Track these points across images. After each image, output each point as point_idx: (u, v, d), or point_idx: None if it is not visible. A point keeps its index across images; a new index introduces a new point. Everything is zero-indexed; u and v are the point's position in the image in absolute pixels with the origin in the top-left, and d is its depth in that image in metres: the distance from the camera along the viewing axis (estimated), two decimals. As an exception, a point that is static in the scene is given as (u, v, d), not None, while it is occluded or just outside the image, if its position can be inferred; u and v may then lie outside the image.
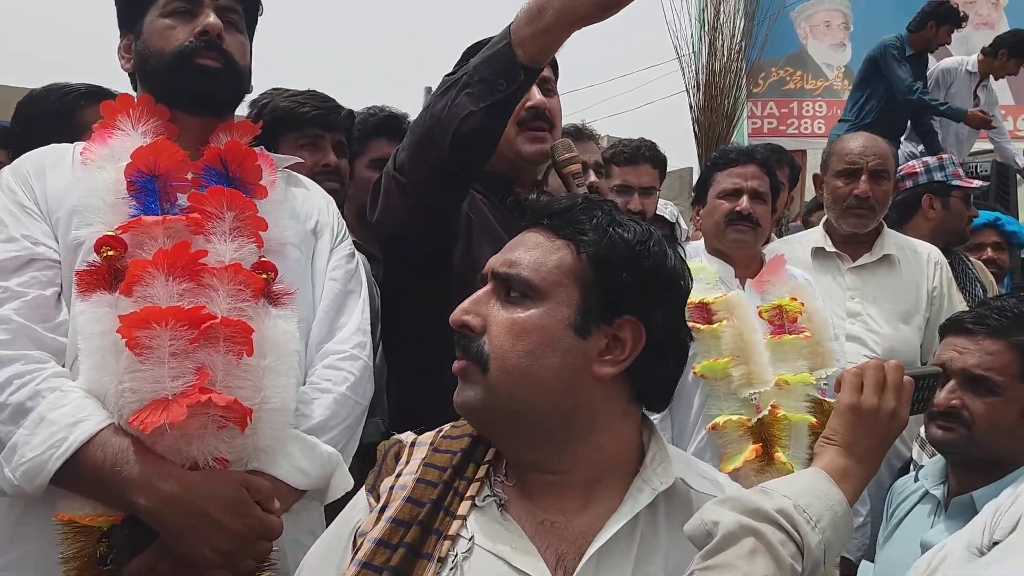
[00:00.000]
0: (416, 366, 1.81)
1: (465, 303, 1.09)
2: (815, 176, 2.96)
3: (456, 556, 1.00)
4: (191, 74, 1.46)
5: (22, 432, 1.25)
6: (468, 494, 1.04)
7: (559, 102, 1.94)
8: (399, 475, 1.08)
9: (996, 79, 5.10)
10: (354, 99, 2.41)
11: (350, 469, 1.47)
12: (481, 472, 1.07)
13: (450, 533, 1.01)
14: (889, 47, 4.88)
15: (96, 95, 2.04)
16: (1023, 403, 1.68)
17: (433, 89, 1.66)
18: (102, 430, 1.26)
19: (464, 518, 1.03)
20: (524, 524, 1.04)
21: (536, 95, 1.85)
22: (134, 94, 1.55)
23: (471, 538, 1.02)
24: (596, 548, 1.02)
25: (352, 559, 1.02)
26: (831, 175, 2.82)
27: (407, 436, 1.15)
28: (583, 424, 1.06)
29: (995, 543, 1.03)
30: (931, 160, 3.32)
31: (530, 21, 1.44)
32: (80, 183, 1.41)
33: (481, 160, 1.64)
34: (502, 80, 1.47)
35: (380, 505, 1.06)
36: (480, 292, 1.10)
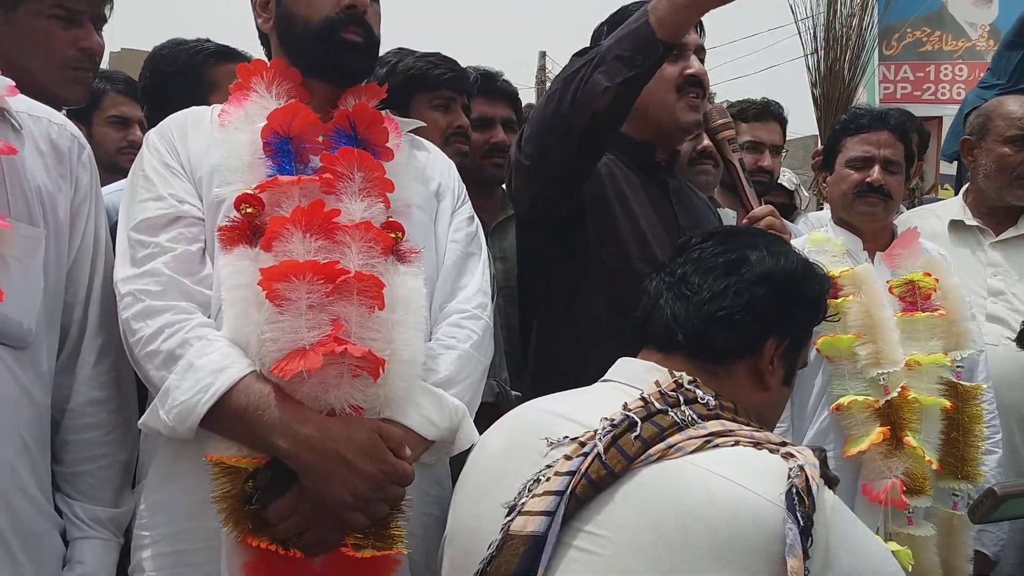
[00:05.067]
0: (553, 336, 1.94)
1: None
2: (964, 141, 2.85)
3: None
4: (334, 47, 1.56)
5: (173, 377, 1.39)
6: None
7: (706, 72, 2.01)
8: None
9: None
10: (469, 62, 2.52)
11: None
12: None
13: None
14: None
15: (225, 54, 2.19)
16: None
17: (548, 55, 1.79)
18: (245, 376, 1.38)
19: None
20: None
21: (695, 64, 1.94)
22: (262, 51, 1.66)
23: None
24: None
25: None
26: (994, 141, 2.70)
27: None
28: None
29: None
30: None
31: (675, 10, 1.59)
32: (219, 144, 1.53)
33: (613, 134, 1.77)
34: (639, 55, 1.61)
35: None
36: None
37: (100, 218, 1.54)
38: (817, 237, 2.45)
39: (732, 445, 1.14)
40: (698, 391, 1.23)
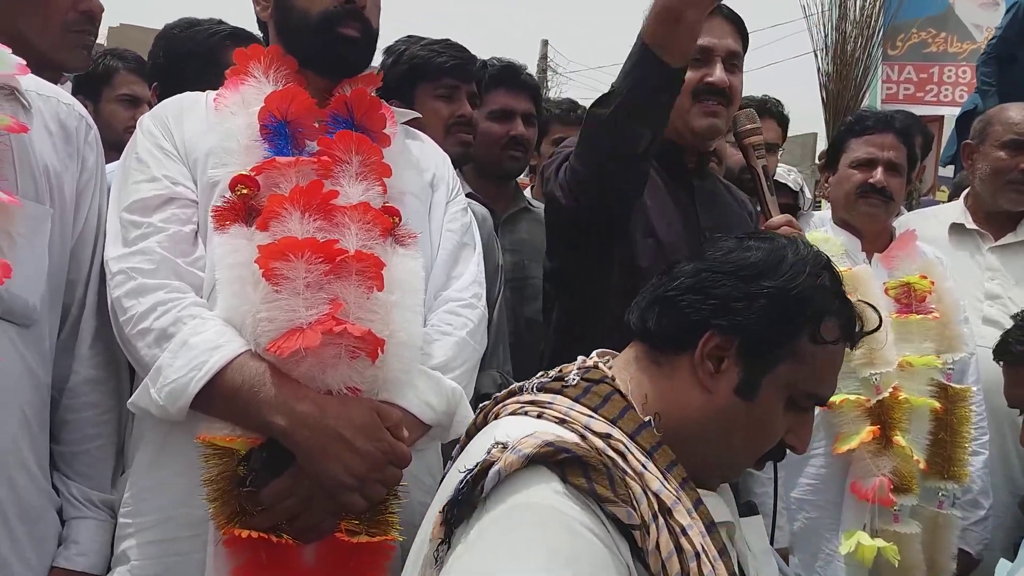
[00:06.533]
0: (570, 316, 1.94)
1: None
2: (965, 145, 2.84)
3: None
4: (332, 41, 1.53)
5: (166, 356, 1.35)
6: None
7: (742, 80, 1.98)
8: None
9: None
10: (471, 50, 2.47)
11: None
12: None
13: None
14: (1020, 3, 4.58)
15: (240, 37, 2.15)
16: None
17: (550, 43, 1.77)
18: (240, 355, 1.35)
19: None
20: None
21: (717, 71, 1.90)
22: (254, 36, 1.64)
23: None
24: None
25: None
26: (991, 145, 2.71)
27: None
28: None
29: None
30: None
31: (662, 24, 1.55)
32: (215, 127, 1.51)
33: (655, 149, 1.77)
34: (665, 93, 1.61)
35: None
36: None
37: (104, 198, 1.53)
38: (816, 236, 2.44)
39: (536, 416, 1.13)
40: (574, 370, 1.21)
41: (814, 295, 1.16)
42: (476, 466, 1.04)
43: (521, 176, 3.28)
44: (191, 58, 2.12)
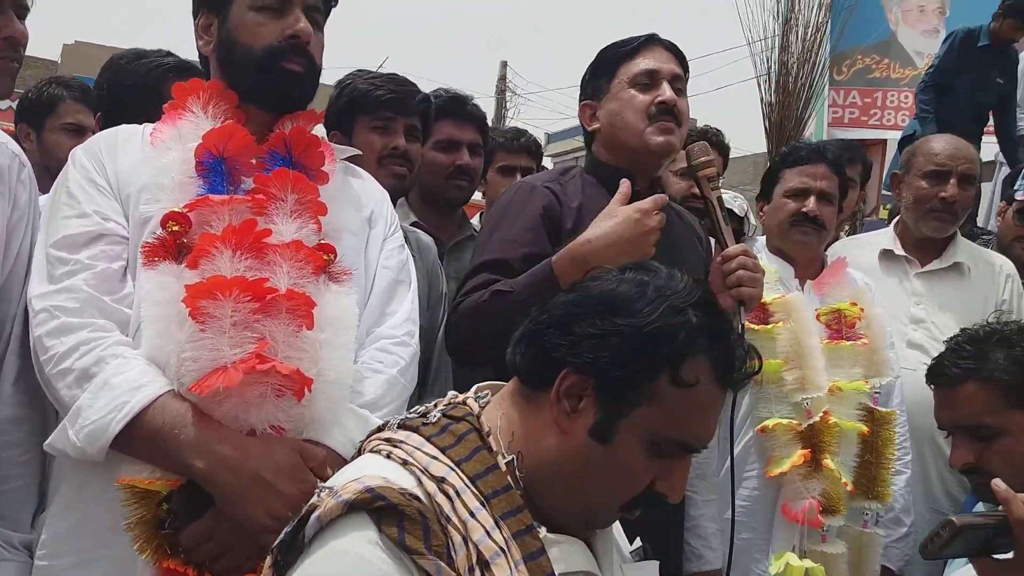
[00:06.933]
0: None
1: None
2: (893, 175, 2.95)
3: None
4: (277, 76, 1.54)
5: (86, 396, 1.33)
6: None
7: (688, 103, 2.03)
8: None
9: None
10: (430, 71, 2.50)
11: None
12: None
13: None
14: (956, 33, 4.78)
15: (186, 70, 2.13)
16: None
17: (509, 64, 1.79)
18: (162, 395, 1.34)
19: None
20: None
21: (667, 91, 1.97)
22: (199, 69, 1.63)
23: None
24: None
25: None
26: (915, 175, 2.81)
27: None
28: None
29: None
30: None
31: (577, 271, 1.65)
32: (149, 162, 1.50)
33: None
34: None
35: None
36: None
37: (35, 235, 1.51)
38: (752, 263, 2.50)
39: (386, 456, 1.09)
40: (437, 408, 1.16)
41: (674, 333, 1.06)
42: (303, 511, 1.03)
43: (477, 196, 3.31)
44: (135, 90, 2.12)
